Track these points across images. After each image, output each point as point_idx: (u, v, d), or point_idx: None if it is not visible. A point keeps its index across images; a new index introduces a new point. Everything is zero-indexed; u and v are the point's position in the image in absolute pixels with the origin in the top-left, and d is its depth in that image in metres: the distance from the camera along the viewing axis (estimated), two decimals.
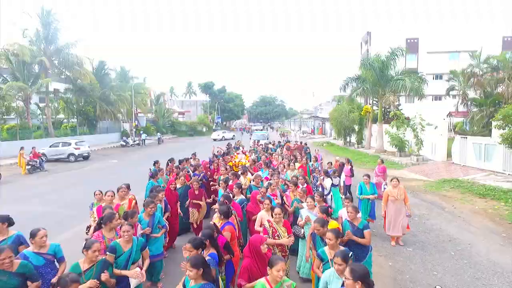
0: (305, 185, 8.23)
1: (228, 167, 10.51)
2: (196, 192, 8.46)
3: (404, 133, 21.74)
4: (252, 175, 11.99)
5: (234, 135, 49.60)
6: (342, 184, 11.29)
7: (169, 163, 11.21)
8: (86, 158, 24.99)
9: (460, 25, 46.35)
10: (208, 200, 8.71)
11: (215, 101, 75.64)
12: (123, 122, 46.10)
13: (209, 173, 10.91)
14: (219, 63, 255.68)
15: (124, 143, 37.49)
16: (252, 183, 9.32)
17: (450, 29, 45.18)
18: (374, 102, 28.71)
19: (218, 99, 76.23)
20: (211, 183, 9.86)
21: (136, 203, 6.82)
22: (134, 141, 38.85)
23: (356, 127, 31.73)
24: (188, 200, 8.26)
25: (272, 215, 6.19)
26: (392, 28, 45.82)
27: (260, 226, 5.90)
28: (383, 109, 25.72)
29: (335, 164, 12.98)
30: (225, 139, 43.85)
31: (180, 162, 11.63)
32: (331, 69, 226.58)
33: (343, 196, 11.29)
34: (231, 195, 6.94)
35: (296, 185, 7.82)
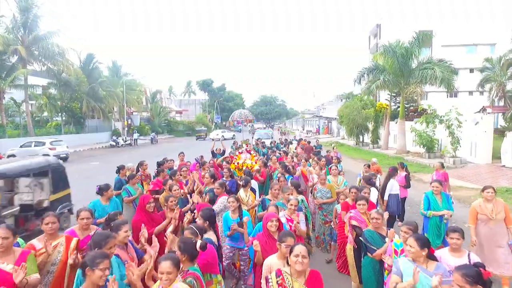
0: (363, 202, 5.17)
1: (208, 174, 7.14)
2: (177, 216, 5.27)
3: (434, 131, 18.55)
4: (262, 182, 8.93)
5: (234, 135, 46.03)
6: (386, 197, 8.07)
7: (139, 168, 7.96)
8: (64, 159, 21.68)
9: (476, 17, 43.28)
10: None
11: (214, 100, 72.30)
12: (114, 121, 42.86)
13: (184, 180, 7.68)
14: (219, 63, 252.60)
15: (114, 143, 34.27)
16: (268, 196, 6.22)
17: (466, 22, 42.08)
18: (393, 96, 25.54)
19: (218, 98, 72.90)
20: (192, 196, 6.66)
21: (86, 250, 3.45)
22: (125, 140, 35.62)
23: (370, 125, 28.52)
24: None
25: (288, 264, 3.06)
26: (403, 20, 42.75)
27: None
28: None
29: (372, 167, 9.82)
30: (225, 139, 40.21)
31: (160, 165, 8.39)
32: (331, 69, 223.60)
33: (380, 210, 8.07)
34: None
35: (367, 201, 4.97)
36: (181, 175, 7.49)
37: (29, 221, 6.26)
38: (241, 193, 6.42)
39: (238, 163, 10.46)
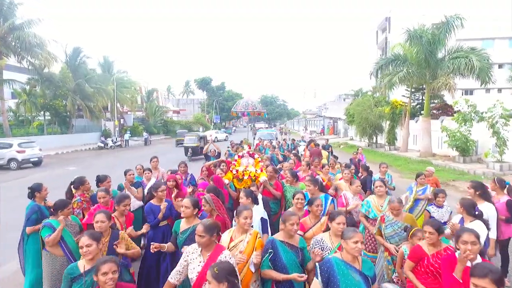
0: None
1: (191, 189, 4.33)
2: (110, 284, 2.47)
3: (469, 130, 15.67)
4: (279, 199, 6.13)
5: (227, 136, 42.43)
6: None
7: (77, 188, 5.02)
8: (37, 164, 18.80)
9: (493, 9, 40.43)
10: None
11: (213, 99, 69.34)
12: (105, 120, 39.93)
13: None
14: (219, 63, 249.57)
15: (102, 145, 31.33)
16: (278, 237, 3.31)
17: (483, 14, 39.37)
18: (412, 91, 22.67)
19: (217, 97, 69.90)
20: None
21: None
22: (115, 142, 32.68)
23: (385, 125, 25.62)
24: None
25: None
26: (414, 12, 40.02)
27: None
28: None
29: (427, 179, 6.96)
30: (218, 141, 35.52)
31: (100, 181, 5.51)
32: (333, 69, 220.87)
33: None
34: None
35: None
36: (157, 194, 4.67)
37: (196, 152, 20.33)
38: (225, 233, 3.58)
39: (237, 171, 7.53)
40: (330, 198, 5.27)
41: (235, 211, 3.70)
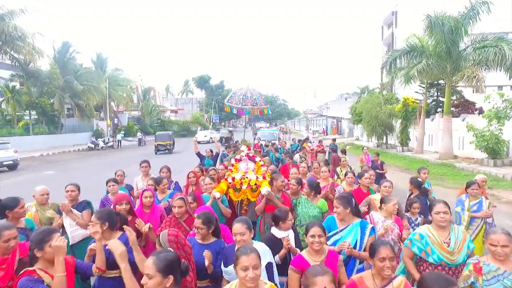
0: None
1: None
2: None
3: (500, 129, 13.75)
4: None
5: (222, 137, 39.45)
6: None
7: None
8: (12, 167, 16.88)
9: (505, 2, 38.46)
10: None
11: (212, 98, 67.40)
12: (98, 120, 37.99)
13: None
14: (219, 63, 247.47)
15: (92, 145, 29.38)
16: None
17: (496, 7, 37.48)
18: (423, 87, 20.73)
19: (215, 96, 67.98)
20: None
21: None
22: (106, 142, 30.76)
23: (396, 124, 23.69)
24: None
25: None
26: (422, 7, 38.21)
27: None
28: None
29: (481, 189, 5.37)
30: (213, 142, 29.81)
31: (7, 208, 3.58)
32: (333, 69, 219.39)
33: None
34: None
35: None
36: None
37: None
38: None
39: (233, 179, 5.58)
40: (370, 226, 3.40)
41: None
